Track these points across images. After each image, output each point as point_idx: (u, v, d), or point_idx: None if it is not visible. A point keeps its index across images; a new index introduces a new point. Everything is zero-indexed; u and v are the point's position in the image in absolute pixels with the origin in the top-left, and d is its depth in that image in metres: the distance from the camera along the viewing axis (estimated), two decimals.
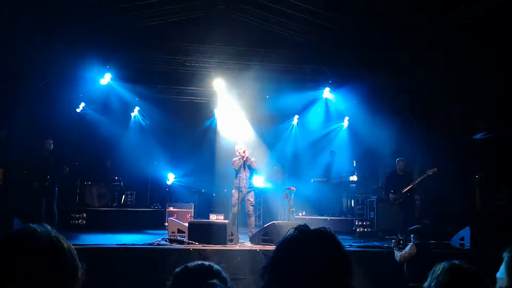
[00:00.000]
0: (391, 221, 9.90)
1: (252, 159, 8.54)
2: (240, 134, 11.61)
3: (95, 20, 10.40)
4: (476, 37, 7.94)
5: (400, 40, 9.46)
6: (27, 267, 1.07)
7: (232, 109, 12.11)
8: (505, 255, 1.43)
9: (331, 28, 10.50)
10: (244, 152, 8.44)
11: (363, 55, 10.59)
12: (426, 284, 1.67)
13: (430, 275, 1.66)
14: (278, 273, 1.30)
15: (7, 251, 1.09)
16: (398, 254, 5.91)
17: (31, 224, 1.17)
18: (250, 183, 8.59)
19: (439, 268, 1.63)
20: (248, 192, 8.47)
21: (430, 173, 8.44)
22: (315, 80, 12.07)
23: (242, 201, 8.48)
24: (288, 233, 1.37)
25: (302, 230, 1.35)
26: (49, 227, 1.18)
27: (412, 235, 5.96)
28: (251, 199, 8.53)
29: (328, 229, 1.37)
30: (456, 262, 1.62)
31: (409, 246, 5.80)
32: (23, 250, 1.09)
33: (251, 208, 8.51)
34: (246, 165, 8.43)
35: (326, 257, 1.28)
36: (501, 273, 1.44)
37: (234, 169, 8.49)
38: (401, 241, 6.20)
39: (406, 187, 8.70)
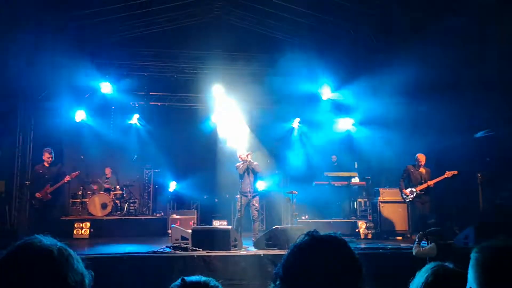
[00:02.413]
0: (395, 222, 9.91)
1: (255, 162, 8.56)
2: (240, 139, 11.62)
3: (93, 29, 10.48)
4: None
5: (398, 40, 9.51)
6: (36, 277, 1.08)
7: (232, 114, 12.12)
8: (473, 255, 1.40)
9: (329, 31, 10.55)
10: (247, 156, 8.46)
11: (362, 56, 10.65)
12: (413, 283, 1.67)
13: (417, 274, 1.67)
14: (290, 279, 1.30)
15: (15, 263, 1.10)
16: (416, 248, 5.84)
17: (37, 235, 1.18)
18: (255, 188, 8.59)
19: (426, 267, 1.64)
20: (253, 197, 8.47)
21: (449, 176, 8.30)
22: (315, 82, 12.09)
23: (247, 206, 8.47)
24: (299, 239, 1.37)
25: (313, 236, 1.35)
26: (54, 238, 1.19)
27: (430, 237, 5.93)
28: (256, 204, 8.52)
29: (338, 234, 1.37)
30: (443, 264, 1.62)
31: (431, 245, 5.75)
32: (32, 261, 1.10)
33: (255, 213, 8.51)
34: (250, 169, 8.44)
35: (339, 263, 1.27)
36: (469, 275, 1.40)
37: (239, 174, 8.50)
38: (427, 238, 6.13)
39: (422, 185, 8.54)
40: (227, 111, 12.08)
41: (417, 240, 6.07)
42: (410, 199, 8.74)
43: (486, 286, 1.32)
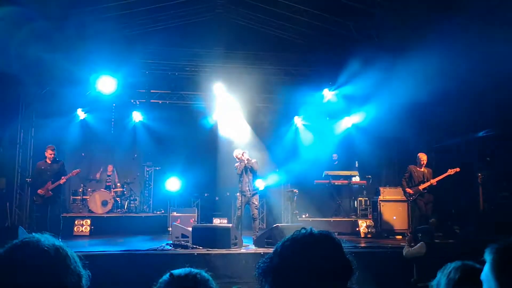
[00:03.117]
0: (395, 222, 9.91)
1: (253, 160, 8.52)
2: (241, 138, 11.62)
3: (95, 26, 10.47)
4: None
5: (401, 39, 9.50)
6: (32, 277, 1.08)
7: (232, 112, 12.12)
8: (489, 256, 1.37)
9: (330, 30, 10.54)
10: (243, 154, 8.43)
11: (365, 55, 10.62)
12: (434, 281, 1.66)
13: (440, 272, 1.65)
14: (280, 276, 1.30)
15: (11, 262, 1.10)
16: (406, 249, 5.88)
17: (34, 234, 1.18)
18: (254, 186, 8.58)
19: (450, 266, 1.63)
20: (253, 195, 8.45)
21: (452, 173, 8.26)
22: (315, 81, 12.09)
23: (247, 204, 8.46)
24: (292, 235, 1.38)
25: (304, 234, 1.36)
26: (52, 236, 1.19)
27: (419, 235, 5.95)
28: (256, 202, 8.50)
29: (330, 232, 1.38)
30: (469, 262, 1.61)
31: (419, 244, 5.76)
32: (28, 260, 1.10)
33: (255, 211, 8.49)
34: (248, 168, 8.42)
35: (330, 261, 1.29)
36: (486, 275, 1.37)
37: (238, 174, 8.49)
38: (417, 237, 6.15)
39: (425, 184, 8.48)
40: (228, 109, 12.08)
41: (407, 242, 6.07)
42: (413, 198, 8.71)
43: (504, 283, 1.31)
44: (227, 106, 12.03)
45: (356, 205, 11.15)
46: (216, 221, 10.02)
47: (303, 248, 1.32)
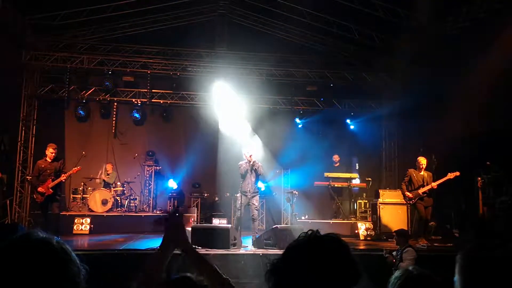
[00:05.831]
0: (394, 224, 9.90)
1: (259, 163, 8.51)
2: (242, 138, 11.62)
3: (97, 24, 10.52)
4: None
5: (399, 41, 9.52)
6: (30, 273, 1.10)
7: (234, 112, 12.12)
8: (458, 259, 1.46)
9: (331, 32, 10.57)
10: (250, 156, 8.43)
11: (364, 58, 10.67)
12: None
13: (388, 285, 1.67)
14: (287, 277, 1.32)
15: (10, 258, 1.11)
16: (403, 266, 5.34)
17: (33, 230, 1.20)
18: (256, 187, 8.57)
19: (393, 276, 1.65)
20: (253, 196, 8.44)
21: (452, 177, 8.24)
22: (317, 83, 12.10)
23: (247, 205, 8.46)
24: (298, 237, 1.39)
25: (314, 236, 1.37)
26: (50, 233, 1.21)
27: (401, 239, 5.93)
28: (256, 203, 8.49)
29: (337, 235, 1.39)
30: (410, 268, 1.64)
31: (408, 250, 5.67)
32: (26, 257, 1.12)
33: (255, 212, 8.48)
34: (253, 169, 8.42)
35: (336, 263, 1.30)
36: (455, 280, 1.46)
37: (241, 173, 8.47)
38: (392, 254, 6.00)
39: (425, 187, 8.44)
40: (230, 110, 12.08)
41: (389, 260, 5.94)
42: (413, 201, 8.68)
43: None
44: (229, 107, 12.03)
45: (355, 207, 11.15)
46: (216, 222, 10.02)
47: (308, 250, 1.33)
